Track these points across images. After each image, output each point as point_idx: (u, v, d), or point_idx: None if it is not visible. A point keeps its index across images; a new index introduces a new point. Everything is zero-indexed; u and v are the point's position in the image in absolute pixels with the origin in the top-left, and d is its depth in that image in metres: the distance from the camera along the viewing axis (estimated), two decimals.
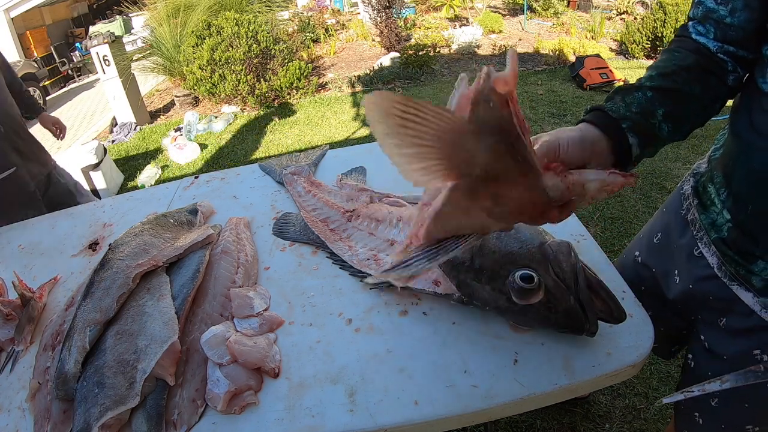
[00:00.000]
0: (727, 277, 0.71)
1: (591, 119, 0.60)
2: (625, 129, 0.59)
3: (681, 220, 0.82)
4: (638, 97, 0.61)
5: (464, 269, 0.74)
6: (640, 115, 0.60)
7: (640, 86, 0.62)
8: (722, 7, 0.62)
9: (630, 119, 0.59)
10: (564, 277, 0.68)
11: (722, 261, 0.72)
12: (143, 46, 5.72)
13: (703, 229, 0.75)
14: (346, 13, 6.55)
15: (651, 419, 1.47)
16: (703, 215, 0.75)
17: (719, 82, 0.64)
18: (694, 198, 0.79)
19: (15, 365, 0.84)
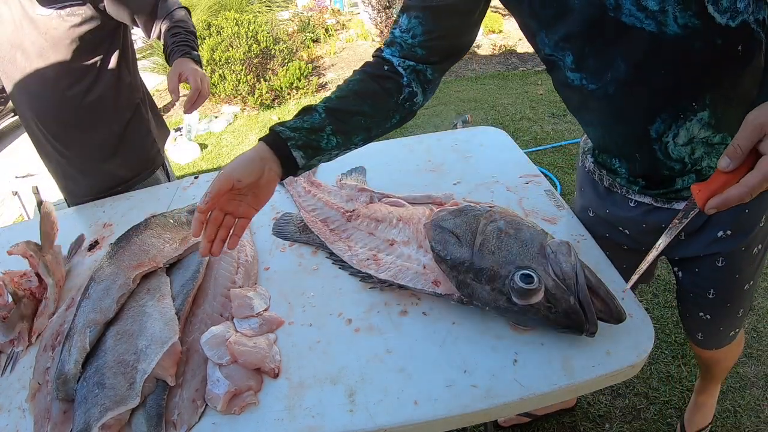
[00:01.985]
0: (666, 203, 0.82)
1: (265, 140, 0.75)
2: (290, 146, 0.74)
3: (602, 189, 0.91)
4: (313, 118, 0.76)
5: (464, 269, 0.74)
6: (309, 132, 0.75)
7: (316, 108, 0.77)
8: (405, 35, 0.78)
9: (296, 138, 0.75)
10: (564, 277, 0.68)
11: (655, 197, 0.83)
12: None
13: (624, 187, 0.86)
14: (346, 13, 6.54)
15: (651, 419, 1.47)
16: (618, 178, 0.86)
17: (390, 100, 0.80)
18: (600, 169, 0.89)
19: (15, 366, 0.84)
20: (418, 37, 0.78)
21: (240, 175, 0.72)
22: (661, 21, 0.61)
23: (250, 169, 0.73)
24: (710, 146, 0.73)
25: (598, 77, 0.70)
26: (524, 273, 0.67)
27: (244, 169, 0.72)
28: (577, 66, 0.71)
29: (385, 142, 1.37)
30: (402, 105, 0.81)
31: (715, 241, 0.83)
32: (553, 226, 0.94)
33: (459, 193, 1.05)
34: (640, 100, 0.70)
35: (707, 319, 0.96)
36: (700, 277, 0.91)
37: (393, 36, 0.80)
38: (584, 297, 0.66)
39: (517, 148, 1.23)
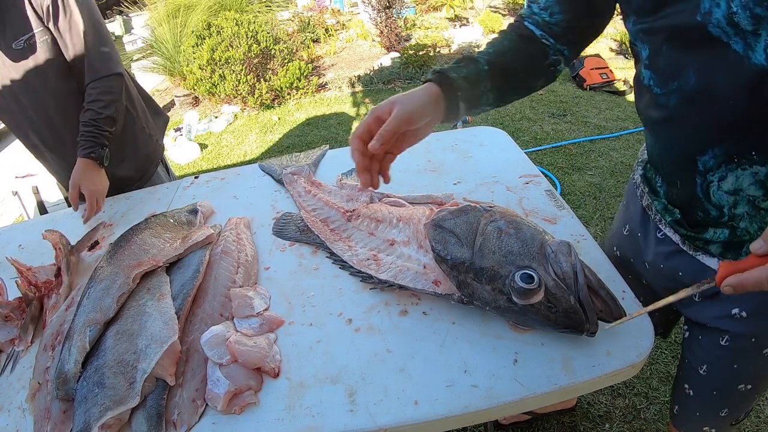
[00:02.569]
0: (692, 250, 0.75)
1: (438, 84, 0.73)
2: (459, 97, 0.74)
3: (639, 207, 0.86)
4: (478, 70, 0.75)
5: (464, 269, 0.74)
6: (473, 85, 0.74)
7: (479, 60, 0.76)
8: (543, 13, 0.78)
9: (464, 89, 0.73)
10: (564, 276, 0.68)
11: (683, 238, 0.76)
12: (143, 46, 5.71)
13: (659, 214, 0.79)
14: (346, 13, 6.54)
15: (651, 419, 1.47)
16: (656, 201, 0.80)
17: (542, 61, 0.79)
18: (645, 185, 0.84)
19: (15, 365, 0.84)
20: (555, 16, 0.76)
21: (418, 118, 0.70)
22: (750, 44, 0.53)
23: (426, 113, 0.71)
24: (756, 209, 0.64)
25: (664, 82, 0.64)
26: (525, 273, 0.67)
27: (421, 111, 0.71)
28: (650, 63, 0.66)
29: None
30: (548, 68, 0.80)
31: (726, 317, 0.75)
32: (554, 226, 0.94)
33: (459, 193, 1.05)
34: (698, 124, 0.63)
35: (688, 394, 0.87)
36: (700, 348, 0.82)
37: (531, 10, 0.79)
38: (584, 297, 0.66)
39: (517, 148, 1.23)
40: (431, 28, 5.70)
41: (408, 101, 0.70)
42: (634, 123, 3.34)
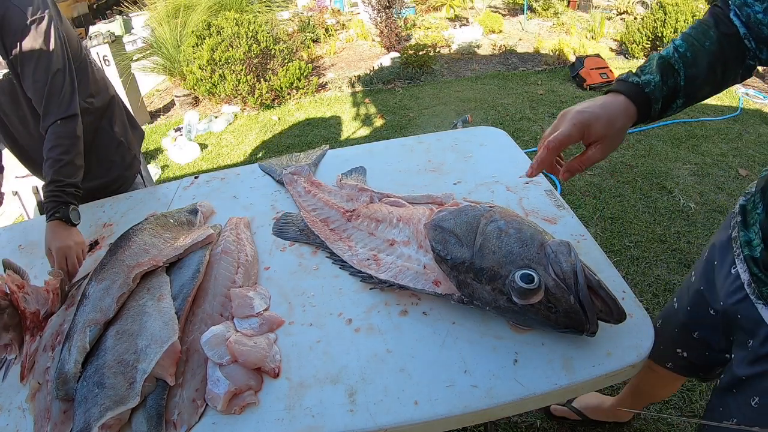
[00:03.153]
0: (755, 295, 0.72)
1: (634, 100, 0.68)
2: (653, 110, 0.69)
3: (727, 237, 0.83)
4: (673, 83, 0.68)
5: (464, 269, 0.74)
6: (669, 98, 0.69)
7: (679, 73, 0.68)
8: (757, 3, 0.65)
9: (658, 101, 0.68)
10: (564, 276, 0.68)
11: (752, 279, 0.72)
12: (143, 46, 5.71)
13: (740, 247, 0.76)
14: (346, 13, 6.54)
15: (651, 419, 1.47)
16: (743, 232, 0.77)
17: (737, 68, 0.70)
18: (740, 216, 0.80)
19: (7, 374, 0.84)
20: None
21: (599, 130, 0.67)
22: None
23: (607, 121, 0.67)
24: None
25: None
26: (525, 273, 0.67)
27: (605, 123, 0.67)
28: None
29: (385, 142, 1.37)
30: (739, 74, 0.72)
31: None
32: (554, 226, 0.94)
33: (459, 193, 1.05)
34: None
35: None
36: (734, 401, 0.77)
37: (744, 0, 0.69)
38: (584, 297, 0.66)
39: (517, 148, 1.23)
40: (431, 28, 5.69)
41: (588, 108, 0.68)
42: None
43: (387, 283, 0.82)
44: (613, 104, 0.68)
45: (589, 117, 0.67)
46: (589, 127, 0.67)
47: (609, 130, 0.67)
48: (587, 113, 0.67)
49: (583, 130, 0.67)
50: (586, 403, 1.46)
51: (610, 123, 0.67)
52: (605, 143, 0.68)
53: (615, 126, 0.67)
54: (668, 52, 0.70)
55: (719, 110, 3.46)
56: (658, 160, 2.86)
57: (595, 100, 0.69)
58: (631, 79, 0.69)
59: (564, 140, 0.67)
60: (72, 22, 8.37)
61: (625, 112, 0.68)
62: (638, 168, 2.79)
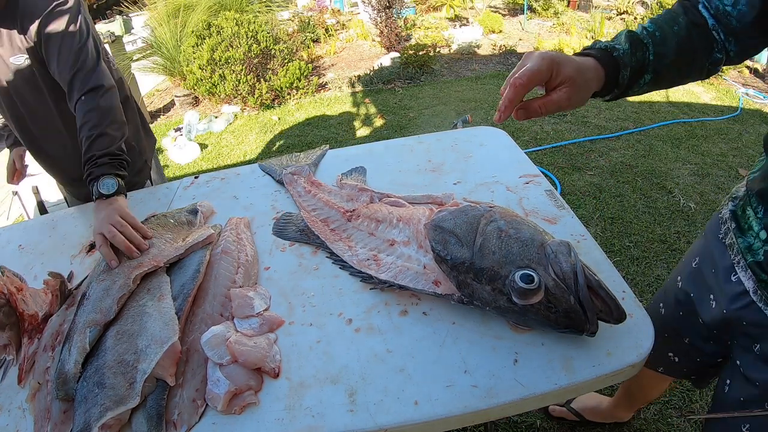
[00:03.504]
0: (762, 302, 0.71)
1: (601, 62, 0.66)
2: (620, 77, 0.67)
3: (720, 244, 0.83)
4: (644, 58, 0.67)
5: (464, 269, 0.74)
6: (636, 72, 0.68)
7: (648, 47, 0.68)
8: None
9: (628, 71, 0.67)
10: (564, 276, 0.68)
11: (757, 285, 0.72)
12: (143, 46, 5.71)
13: (740, 253, 0.76)
14: (346, 13, 6.54)
15: (651, 419, 1.47)
16: (741, 238, 0.76)
17: (704, 59, 0.70)
18: (732, 222, 0.79)
19: (6, 373, 0.84)
20: (740, 7, 0.66)
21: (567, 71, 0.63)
22: None
23: (577, 66, 0.64)
24: None
25: None
26: (524, 273, 0.67)
27: (575, 66, 0.63)
28: None
29: (385, 142, 1.37)
30: (706, 67, 0.71)
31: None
32: (554, 226, 0.94)
33: (459, 193, 1.05)
34: None
35: None
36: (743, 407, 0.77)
37: None
38: (584, 297, 0.66)
39: (517, 148, 1.23)
40: (431, 28, 5.69)
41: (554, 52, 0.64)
42: (633, 123, 3.34)
43: (387, 283, 0.82)
44: (584, 59, 0.66)
45: (558, 55, 0.63)
46: (559, 65, 0.62)
47: (578, 75, 0.64)
48: (557, 53, 0.64)
49: (552, 67, 0.62)
50: (584, 404, 1.46)
51: (580, 69, 0.64)
52: (572, 88, 0.63)
53: (584, 75, 0.64)
54: (637, 30, 0.70)
55: (719, 110, 3.46)
56: (658, 160, 2.86)
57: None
58: (599, 45, 0.68)
59: (533, 76, 0.62)
60: None
61: (595, 68, 0.66)
62: (638, 168, 2.79)
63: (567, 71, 0.63)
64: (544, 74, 0.62)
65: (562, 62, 0.63)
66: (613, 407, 1.42)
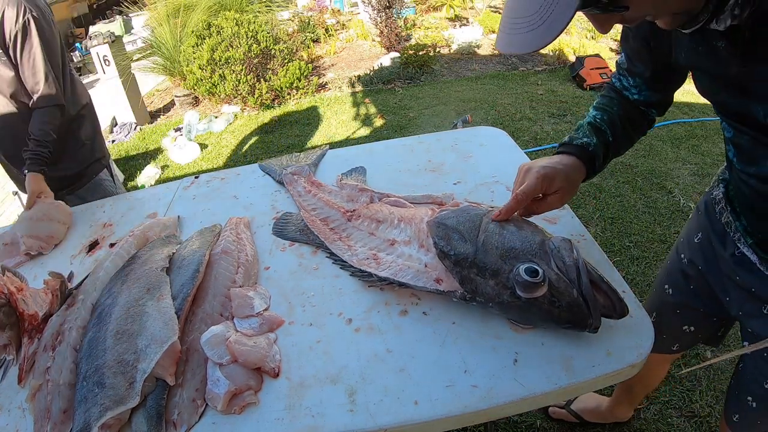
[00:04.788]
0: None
1: (582, 159, 0.83)
2: (596, 168, 0.85)
3: (717, 222, 0.88)
4: (605, 141, 0.85)
5: (468, 264, 0.74)
6: (604, 159, 0.86)
7: (605, 132, 0.86)
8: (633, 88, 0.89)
9: (600, 162, 0.84)
10: (567, 271, 0.68)
11: (762, 259, 0.78)
12: (143, 46, 5.71)
13: (739, 232, 0.81)
14: (346, 13, 6.54)
15: (651, 419, 1.47)
16: (737, 222, 0.81)
17: (643, 122, 0.91)
18: (726, 204, 0.85)
19: (6, 373, 0.84)
20: (644, 93, 0.88)
21: (559, 183, 0.79)
22: None
23: (565, 177, 0.79)
24: None
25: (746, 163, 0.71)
26: (529, 266, 0.68)
27: (564, 177, 0.79)
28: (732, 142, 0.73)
29: (385, 142, 1.37)
30: (646, 126, 0.92)
31: None
32: (554, 226, 0.94)
33: (459, 193, 1.05)
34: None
35: (751, 406, 0.86)
36: (766, 362, 0.81)
37: (622, 84, 0.90)
38: (587, 290, 0.66)
39: (517, 148, 1.23)
40: (431, 28, 5.70)
41: (543, 164, 0.80)
42: None
43: (387, 280, 0.82)
44: (569, 161, 0.81)
45: (551, 172, 0.78)
46: (552, 180, 0.78)
47: (567, 183, 0.79)
48: (549, 168, 0.79)
49: (545, 183, 0.78)
50: (584, 405, 1.46)
51: (568, 177, 0.80)
52: (563, 193, 0.80)
53: (571, 180, 0.80)
54: (591, 119, 0.88)
55: None
56: (658, 160, 2.86)
57: (552, 158, 0.83)
58: (575, 142, 0.84)
59: (530, 193, 0.78)
60: (72, 22, 8.39)
61: (578, 168, 0.82)
62: (638, 168, 2.79)
63: (558, 184, 0.79)
64: (539, 191, 0.79)
65: (554, 177, 0.78)
66: (612, 406, 1.42)
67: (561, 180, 0.78)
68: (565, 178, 0.79)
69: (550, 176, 0.78)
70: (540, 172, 0.78)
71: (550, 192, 0.79)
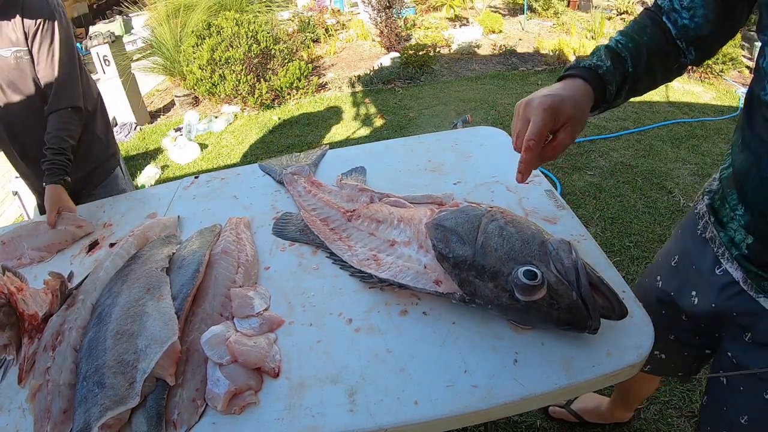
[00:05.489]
0: (753, 290, 0.71)
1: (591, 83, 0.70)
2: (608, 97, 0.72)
3: (698, 239, 0.82)
4: (623, 69, 0.72)
5: (466, 267, 0.74)
6: (619, 89, 0.73)
7: (626, 60, 0.72)
8: (684, 11, 0.73)
9: (612, 90, 0.71)
10: (566, 273, 0.68)
11: (746, 275, 0.72)
12: (143, 46, 5.71)
13: (724, 245, 0.76)
14: (346, 13, 6.54)
15: (651, 419, 1.47)
16: (722, 232, 0.76)
17: (673, 63, 0.76)
18: (710, 215, 0.80)
19: (6, 373, 0.84)
20: (696, 19, 0.71)
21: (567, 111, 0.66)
22: None
23: (573, 102, 0.67)
24: None
25: None
26: (528, 269, 0.67)
27: (572, 103, 0.67)
28: None
29: (385, 142, 1.37)
30: (675, 70, 0.77)
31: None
32: (554, 226, 0.94)
33: (459, 193, 1.05)
34: None
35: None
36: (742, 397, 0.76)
37: (672, 5, 0.74)
38: (586, 292, 0.66)
39: None
40: (431, 28, 5.70)
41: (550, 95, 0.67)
42: (633, 123, 3.34)
43: (387, 281, 0.82)
44: (574, 85, 0.69)
45: (556, 100, 0.66)
46: (559, 110, 0.66)
47: (576, 110, 0.67)
48: (553, 96, 0.66)
49: (554, 114, 0.66)
50: (584, 405, 1.46)
51: (576, 103, 0.68)
52: (573, 124, 0.68)
53: (580, 105, 0.68)
54: (611, 43, 0.74)
55: (719, 110, 3.46)
56: (658, 160, 2.86)
57: (553, 85, 0.70)
58: (583, 64, 0.71)
59: (542, 132, 0.66)
60: (72, 22, 8.39)
61: (586, 92, 0.69)
62: (638, 168, 2.79)
63: (567, 112, 0.67)
64: (549, 126, 0.66)
65: (560, 106, 0.66)
66: (611, 408, 1.42)
67: (569, 107, 0.66)
68: (573, 104, 0.67)
69: (557, 106, 0.66)
70: (544, 103, 0.66)
71: (558, 126, 0.67)
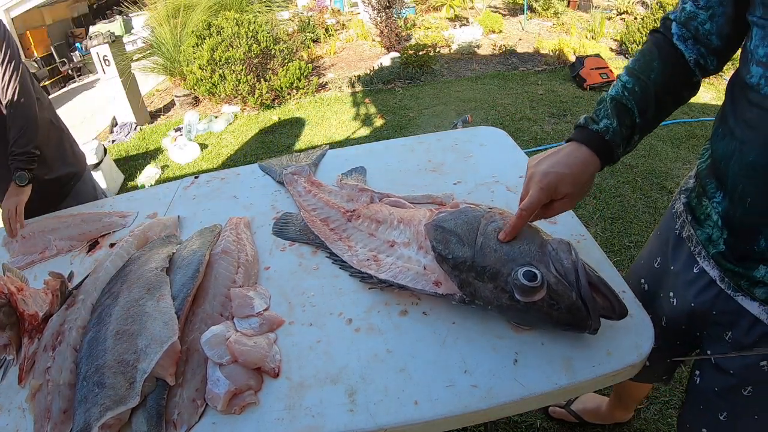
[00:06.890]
0: (731, 289, 0.71)
1: (596, 150, 0.71)
2: (616, 155, 0.72)
3: (675, 238, 0.83)
4: (630, 123, 0.72)
5: (466, 268, 0.74)
6: (628, 140, 0.73)
7: (632, 111, 0.72)
8: (702, 12, 0.68)
9: (621, 145, 0.72)
10: (565, 273, 0.68)
11: (723, 274, 0.72)
12: (143, 46, 5.71)
13: (701, 244, 0.75)
14: (346, 13, 6.55)
15: (651, 419, 1.47)
16: (699, 230, 0.76)
17: (682, 93, 0.75)
18: (687, 214, 0.80)
19: (6, 373, 0.84)
20: (717, 19, 0.65)
21: (565, 189, 0.70)
22: None
23: (572, 180, 0.70)
24: None
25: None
26: (527, 270, 0.67)
27: (571, 182, 0.70)
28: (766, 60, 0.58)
29: (385, 142, 1.37)
30: (683, 98, 0.76)
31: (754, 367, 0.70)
32: (554, 226, 0.94)
33: (459, 193, 1.05)
34: None
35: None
36: (719, 396, 0.77)
37: (685, 12, 0.69)
38: (586, 292, 0.66)
39: (517, 148, 1.23)
40: (431, 28, 5.70)
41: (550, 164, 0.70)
42: None
43: (387, 282, 0.82)
44: (577, 159, 0.71)
45: (555, 179, 0.70)
46: (556, 188, 0.70)
47: (575, 187, 0.71)
48: (553, 174, 0.70)
49: (550, 192, 0.70)
50: (584, 406, 1.46)
51: (575, 180, 0.70)
52: (571, 198, 0.72)
53: (580, 182, 0.71)
54: (617, 91, 0.73)
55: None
56: (658, 160, 2.86)
57: (559, 155, 0.72)
58: (591, 127, 0.72)
59: (534, 206, 0.71)
60: (72, 22, 8.39)
61: (589, 165, 0.71)
62: (638, 168, 2.79)
63: (564, 190, 0.70)
64: (543, 201, 0.71)
65: (558, 184, 0.70)
66: (611, 409, 1.42)
67: (566, 186, 0.70)
68: (572, 182, 0.70)
69: (553, 185, 0.70)
70: (542, 182, 0.70)
71: (557, 198, 0.71)
